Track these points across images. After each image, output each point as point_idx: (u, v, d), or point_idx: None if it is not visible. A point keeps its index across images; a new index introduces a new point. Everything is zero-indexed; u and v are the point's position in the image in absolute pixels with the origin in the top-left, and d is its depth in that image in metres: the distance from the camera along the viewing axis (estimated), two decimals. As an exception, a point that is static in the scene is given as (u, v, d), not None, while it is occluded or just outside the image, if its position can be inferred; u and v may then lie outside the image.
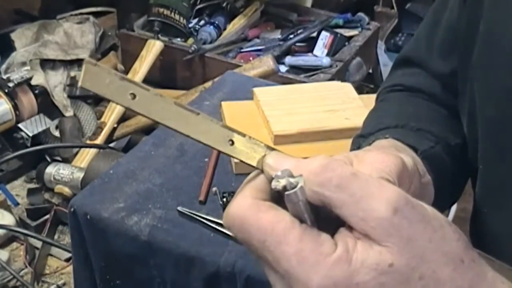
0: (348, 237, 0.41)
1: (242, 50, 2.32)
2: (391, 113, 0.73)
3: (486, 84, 0.62)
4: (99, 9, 2.53)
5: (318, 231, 0.41)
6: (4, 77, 1.96)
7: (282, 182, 0.42)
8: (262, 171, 0.45)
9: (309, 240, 0.40)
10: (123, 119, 2.05)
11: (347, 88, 1.44)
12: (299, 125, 1.29)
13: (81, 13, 2.45)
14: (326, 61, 2.22)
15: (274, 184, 0.43)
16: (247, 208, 0.42)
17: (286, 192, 0.42)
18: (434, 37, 0.74)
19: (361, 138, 0.69)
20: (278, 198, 0.43)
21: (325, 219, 0.42)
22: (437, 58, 0.73)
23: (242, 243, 0.43)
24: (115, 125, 2.03)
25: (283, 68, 2.24)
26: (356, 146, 0.69)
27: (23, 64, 2.11)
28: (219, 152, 0.46)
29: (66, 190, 1.72)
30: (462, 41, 0.66)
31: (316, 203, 0.42)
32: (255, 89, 1.42)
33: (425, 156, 0.62)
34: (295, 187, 0.42)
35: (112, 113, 2.01)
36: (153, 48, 2.15)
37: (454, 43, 0.69)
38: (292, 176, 0.42)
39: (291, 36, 2.37)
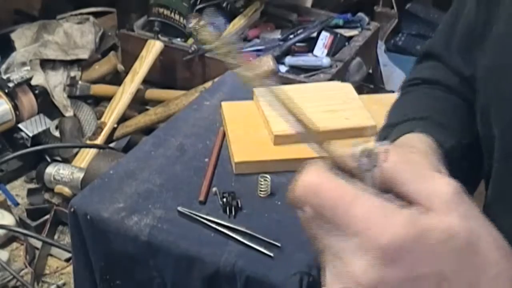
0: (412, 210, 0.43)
1: (242, 50, 2.32)
2: (412, 106, 0.76)
3: (499, 85, 0.62)
4: (99, 9, 2.53)
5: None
6: (4, 77, 1.96)
7: (371, 145, 0.46)
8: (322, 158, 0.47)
9: (381, 202, 0.43)
10: (123, 119, 2.05)
11: (347, 88, 1.44)
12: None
13: (81, 13, 2.44)
14: (326, 61, 2.22)
15: (361, 147, 0.46)
16: (319, 177, 0.45)
17: (377, 148, 0.45)
18: (452, 35, 0.75)
19: (388, 129, 0.71)
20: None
21: None
22: (455, 56, 0.75)
23: (312, 212, 0.45)
24: (115, 125, 2.03)
25: (283, 68, 2.24)
26: (383, 136, 0.71)
27: (23, 64, 2.11)
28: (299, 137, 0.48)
29: (66, 190, 1.72)
30: (477, 40, 0.67)
31: (385, 181, 0.45)
32: (255, 89, 1.43)
33: (446, 154, 0.63)
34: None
35: (112, 113, 2.01)
36: (153, 48, 2.15)
37: (472, 42, 0.70)
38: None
39: (291, 36, 2.36)
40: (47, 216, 1.68)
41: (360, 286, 0.43)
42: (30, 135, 1.91)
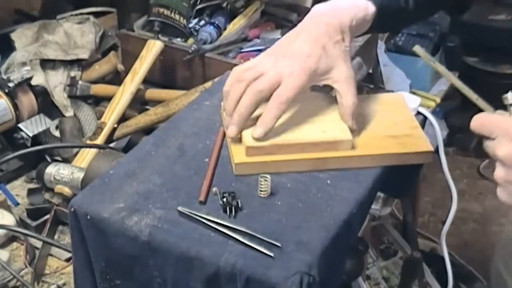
0: None
1: (242, 50, 2.32)
2: None
3: None
4: (99, 9, 2.53)
5: None
6: (4, 77, 1.96)
7: None
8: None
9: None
10: (123, 119, 2.05)
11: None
12: (271, 137, 1.24)
13: (81, 13, 2.44)
14: (326, 61, 2.21)
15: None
16: (482, 115, 1.00)
17: None
18: None
19: None
20: None
21: None
22: None
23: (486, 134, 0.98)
24: (115, 125, 2.03)
25: (283, 68, 2.24)
26: None
27: (23, 64, 2.11)
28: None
29: (66, 190, 1.72)
30: None
31: None
32: None
33: None
34: None
35: (112, 113, 2.01)
36: (153, 48, 2.15)
37: None
38: None
39: (291, 36, 2.36)
40: (47, 216, 1.68)
41: (498, 157, 0.95)
42: (30, 135, 1.91)
